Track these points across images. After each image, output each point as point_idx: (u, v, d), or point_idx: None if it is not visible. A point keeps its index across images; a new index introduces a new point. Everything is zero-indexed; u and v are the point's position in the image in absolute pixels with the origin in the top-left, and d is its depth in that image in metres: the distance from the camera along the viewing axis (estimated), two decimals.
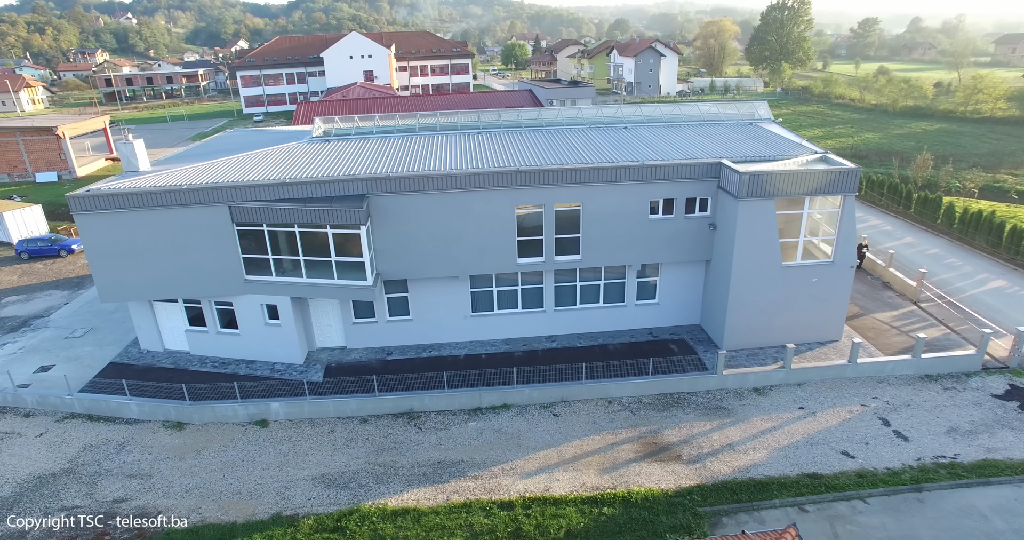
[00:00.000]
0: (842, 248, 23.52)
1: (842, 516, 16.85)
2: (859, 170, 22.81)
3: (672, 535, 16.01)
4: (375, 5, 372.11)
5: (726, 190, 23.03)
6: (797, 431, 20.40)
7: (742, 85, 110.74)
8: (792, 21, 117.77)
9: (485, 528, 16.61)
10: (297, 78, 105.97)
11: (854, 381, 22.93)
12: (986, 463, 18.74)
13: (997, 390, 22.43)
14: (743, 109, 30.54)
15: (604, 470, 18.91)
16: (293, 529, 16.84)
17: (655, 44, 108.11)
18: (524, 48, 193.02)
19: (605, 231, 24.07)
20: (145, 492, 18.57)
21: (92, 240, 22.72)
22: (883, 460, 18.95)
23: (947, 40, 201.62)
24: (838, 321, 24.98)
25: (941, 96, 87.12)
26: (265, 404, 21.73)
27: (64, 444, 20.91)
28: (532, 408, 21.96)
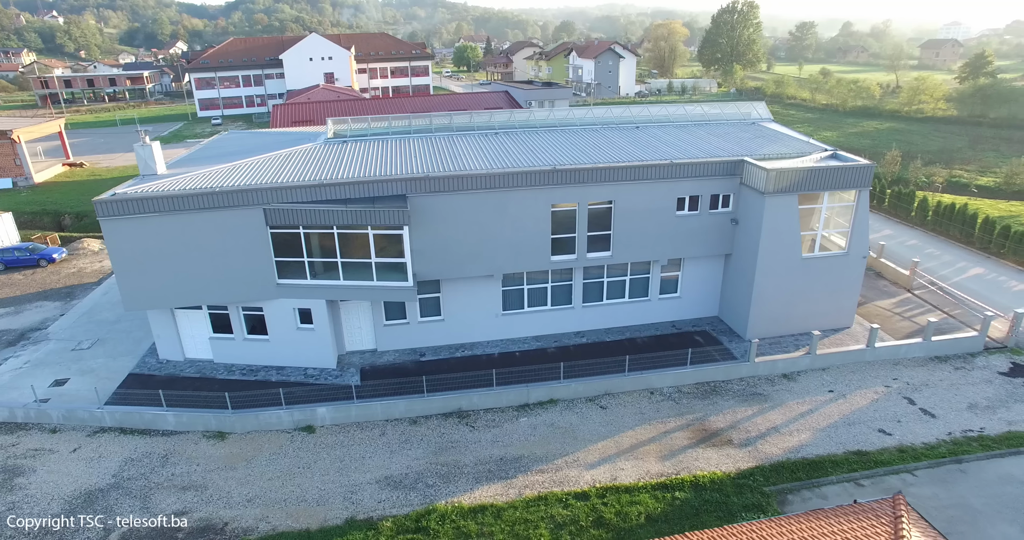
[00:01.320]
0: (856, 239, 25.01)
1: (895, 489, 17.99)
2: (873, 166, 24.35)
3: (747, 514, 16.77)
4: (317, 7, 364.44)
5: (751, 186, 24.11)
6: (832, 413, 21.61)
7: (698, 86, 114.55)
8: (742, 24, 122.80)
9: (567, 519, 16.95)
10: (254, 80, 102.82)
11: (872, 364, 24.41)
12: (1011, 435, 20.36)
13: (1002, 368, 24.32)
14: (743, 109, 31.89)
15: (663, 457, 19.55)
16: (373, 532, 16.71)
17: (614, 46, 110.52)
18: (476, 50, 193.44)
19: (635, 227, 24.76)
20: (204, 503, 18.00)
21: (118, 246, 21.78)
22: (918, 436, 20.32)
23: (877, 44, 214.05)
24: (850, 309, 26.50)
25: (887, 97, 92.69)
26: (311, 409, 21.35)
27: (102, 459, 19.97)
28: (578, 402, 22.41)
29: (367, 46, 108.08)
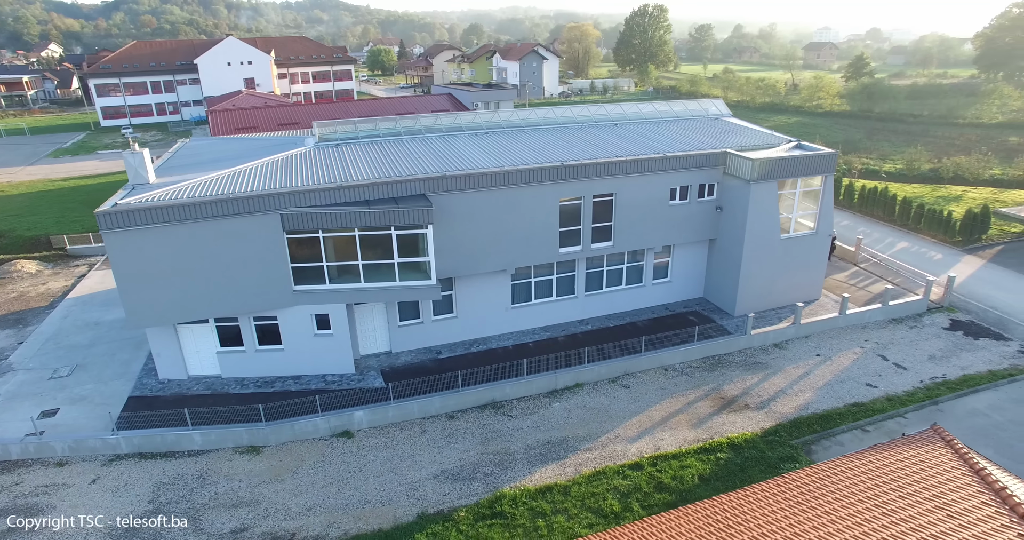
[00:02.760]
0: (823, 220, 27.95)
1: (893, 430, 20.66)
2: (836, 154, 27.34)
3: (785, 465, 18.73)
4: (211, 9, 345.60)
5: (735, 175, 26.40)
6: (825, 373, 24.21)
7: (618, 85, 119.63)
8: (653, 26, 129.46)
9: (629, 488, 18.19)
10: (165, 86, 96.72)
11: (845, 329, 27.43)
12: (967, 378, 23.74)
13: (944, 324, 28.06)
14: (703, 105, 34.50)
15: (694, 425, 21.24)
16: (452, 523, 17.16)
17: (537, 48, 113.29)
18: (390, 53, 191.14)
19: (634, 218, 26.41)
20: (262, 518, 17.69)
21: (122, 260, 20.70)
22: (898, 386, 23.25)
23: (766, 45, 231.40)
24: (819, 282, 29.53)
25: (790, 94, 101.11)
26: (348, 414, 21.31)
27: (129, 487, 18.99)
28: (602, 384, 23.72)
29: (286, 50, 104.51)
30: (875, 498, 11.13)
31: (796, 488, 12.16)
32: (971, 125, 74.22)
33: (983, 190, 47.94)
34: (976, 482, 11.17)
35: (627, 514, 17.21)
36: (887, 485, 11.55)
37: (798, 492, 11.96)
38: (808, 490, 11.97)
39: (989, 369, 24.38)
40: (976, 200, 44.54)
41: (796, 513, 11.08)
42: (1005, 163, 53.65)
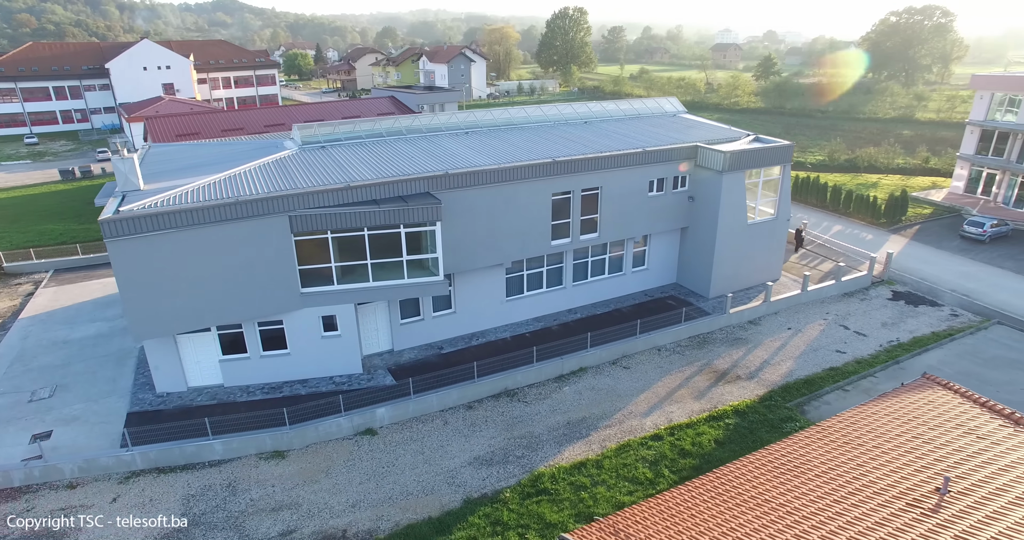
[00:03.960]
0: (782, 206, 30.66)
1: (868, 388, 23.26)
2: (793, 145, 30.09)
3: (787, 424, 20.76)
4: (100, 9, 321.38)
5: (707, 167, 28.52)
6: (799, 344, 26.71)
7: (545, 86, 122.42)
8: (574, 28, 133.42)
9: (656, 456, 19.57)
10: (70, 92, 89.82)
11: (807, 304, 30.24)
12: (916, 340, 26.94)
13: (888, 296, 31.51)
14: (660, 104, 36.72)
15: (697, 397, 22.98)
16: (500, 503, 17.87)
17: (465, 50, 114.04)
18: (307, 57, 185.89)
19: (617, 209, 27.97)
20: (308, 519, 17.68)
21: (127, 270, 19.93)
22: (862, 350, 26.06)
23: (675, 46, 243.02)
24: (779, 264, 32.31)
25: (709, 92, 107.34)
26: (370, 412, 21.48)
27: (156, 502, 18.38)
28: (604, 366, 25.07)
29: (205, 54, 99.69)
30: (909, 432, 12.98)
31: (835, 433, 13.86)
32: (870, 120, 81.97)
33: (893, 177, 53.47)
34: (986, 411, 13.26)
35: (660, 480, 18.58)
36: (913, 421, 13.45)
37: (838, 436, 13.66)
38: (846, 434, 13.70)
39: (932, 331, 27.75)
40: (890, 186, 49.70)
41: (846, 451, 12.73)
42: (907, 153, 59.88)
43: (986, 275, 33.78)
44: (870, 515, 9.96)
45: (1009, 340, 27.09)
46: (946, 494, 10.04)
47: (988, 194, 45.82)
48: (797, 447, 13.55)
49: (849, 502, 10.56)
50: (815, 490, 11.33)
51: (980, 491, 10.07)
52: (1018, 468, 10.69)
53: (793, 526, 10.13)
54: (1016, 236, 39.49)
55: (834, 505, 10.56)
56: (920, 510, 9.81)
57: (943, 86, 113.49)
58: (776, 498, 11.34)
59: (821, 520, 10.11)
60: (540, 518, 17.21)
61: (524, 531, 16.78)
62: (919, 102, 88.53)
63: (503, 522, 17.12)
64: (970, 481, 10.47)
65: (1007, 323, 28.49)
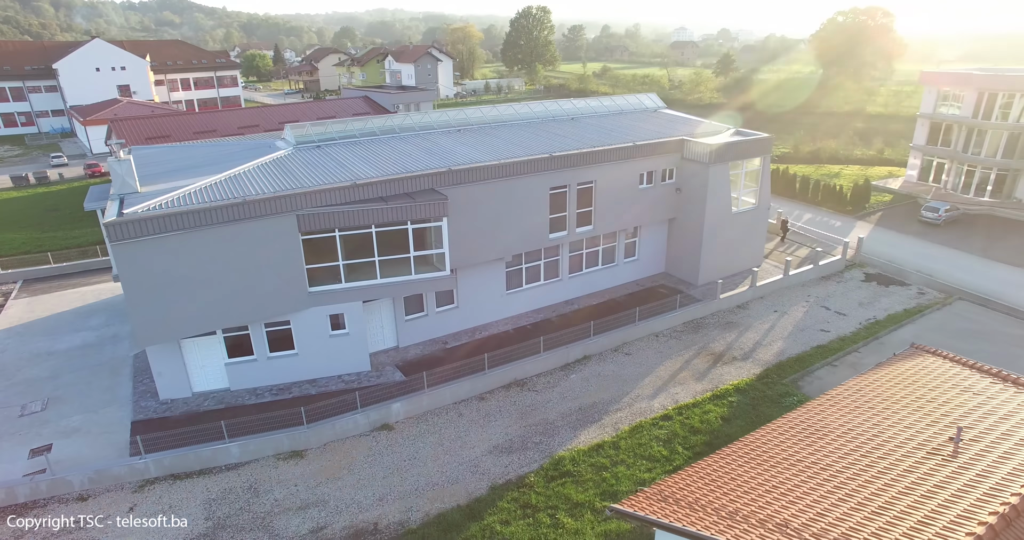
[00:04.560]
0: (763, 196, 32.10)
1: (854, 363, 24.74)
2: (772, 137, 31.51)
3: (786, 399, 21.97)
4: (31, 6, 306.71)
5: (693, 160, 29.66)
6: (786, 325, 28.11)
7: (511, 85, 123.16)
8: (537, 27, 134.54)
9: (668, 434, 20.49)
10: (12, 94, 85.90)
11: (789, 288, 31.76)
12: (890, 317, 28.67)
13: (861, 278, 33.33)
14: (640, 100, 37.82)
15: (698, 379, 24.04)
16: (526, 488, 18.45)
17: (431, 50, 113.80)
18: (266, 59, 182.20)
19: (610, 202, 28.86)
20: (337, 514, 17.90)
21: (133, 273, 19.75)
22: (844, 329, 27.61)
23: (633, 44, 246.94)
24: (760, 251, 33.78)
25: (673, 89, 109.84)
26: (386, 407, 21.76)
27: (177, 508, 18.26)
28: (606, 353, 25.92)
29: (161, 55, 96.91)
30: (913, 394, 14.13)
31: (844, 401, 14.95)
32: (825, 114, 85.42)
33: (853, 167, 56.07)
34: (975, 372, 14.54)
35: (675, 456, 19.49)
36: (915, 384, 14.64)
37: (848, 402, 14.74)
38: (855, 400, 14.78)
39: (904, 308, 29.56)
40: (851, 176, 52.14)
41: (859, 414, 13.79)
42: (864, 145, 62.80)
43: (944, 256, 36.01)
44: (896, 465, 10.96)
45: (971, 314, 29.07)
46: (959, 442, 11.12)
47: (939, 181, 48.61)
48: (813, 414, 14.58)
49: (873, 457, 11.57)
50: (839, 449, 12.32)
51: (988, 437, 11.21)
52: (1017, 415, 11.89)
53: (828, 480, 11.06)
54: (966, 219, 42.12)
55: (861, 460, 11.55)
56: (940, 458, 10.86)
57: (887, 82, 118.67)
58: (805, 458, 12.29)
59: (853, 473, 11.07)
60: (567, 498, 17.88)
61: (553, 511, 17.43)
62: (869, 97, 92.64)
63: (532, 505, 17.73)
64: (977, 430, 11.61)
65: (968, 299, 30.54)
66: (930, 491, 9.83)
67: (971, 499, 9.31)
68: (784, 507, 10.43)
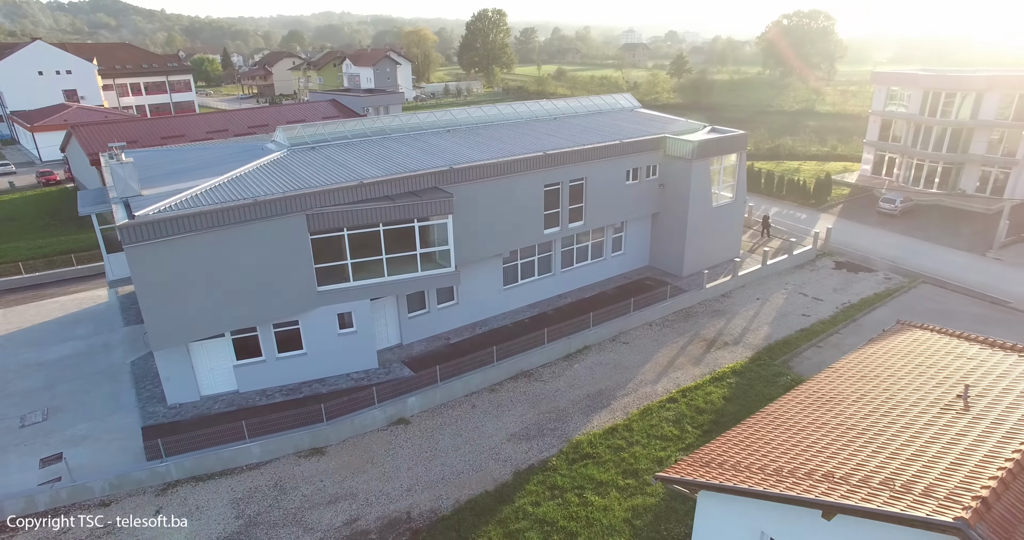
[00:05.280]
0: (740, 190, 33.78)
1: (837, 343, 26.45)
2: (747, 134, 33.19)
3: (780, 378, 23.40)
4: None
5: (676, 156, 31.01)
6: (770, 311, 29.73)
7: (471, 88, 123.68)
8: (494, 30, 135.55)
9: (676, 415, 21.57)
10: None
11: (768, 277, 33.51)
12: (863, 301, 30.69)
13: (831, 266, 35.44)
14: (616, 100, 39.13)
15: (696, 363, 25.26)
16: (550, 471, 19.16)
17: (390, 53, 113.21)
18: (214, 63, 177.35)
19: (600, 198, 29.90)
20: (368, 506, 18.20)
21: (147, 276, 19.57)
22: (823, 313, 29.41)
23: (584, 46, 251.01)
24: (738, 242, 35.47)
25: (631, 90, 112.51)
26: (402, 402, 22.11)
27: (204, 509, 18.20)
28: (605, 343, 26.90)
29: (109, 58, 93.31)
30: (912, 362, 15.49)
31: (848, 372, 16.21)
32: (777, 113, 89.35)
33: (811, 163, 59.09)
34: (964, 340, 16.05)
35: (686, 435, 20.57)
36: (912, 353, 16.03)
37: (854, 373, 16.02)
38: (859, 371, 16.07)
39: (874, 292, 31.66)
40: (810, 171, 54.98)
41: (867, 382, 15.05)
42: (819, 142, 66.15)
43: (903, 243, 38.60)
44: (915, 421, 12.17)
45: (935, 296, 31.39)
46: (968, 398, 12.44)
47: (891, 175, 51.82)
48: (823, 386, 15.80)
49: (892, 416, 12.77)
50: (858, 412, 13.50)
51: (992, 393, 12.56)
52: (1013, 373, 13.34)
53: (856, 438, 12.18)
54: (918, 209, 45.14)
55: (881, 419, 12.73)
56: (953, 412, 12.13)
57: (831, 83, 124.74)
58: (829, 422, 13.42)
59: (877, 431, 12.22)
60: (591, 479, 18.69)
61: (580, 491, 18.20)
62: (818, 96, 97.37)
63: (558, 486, 18.45)
64: (981, 388, 12.97)
65: (930, 282, 32.92)
66: (952, 439, 11.04)
67: (990, 444, 10.54)
68: (823, 462, 11.48)
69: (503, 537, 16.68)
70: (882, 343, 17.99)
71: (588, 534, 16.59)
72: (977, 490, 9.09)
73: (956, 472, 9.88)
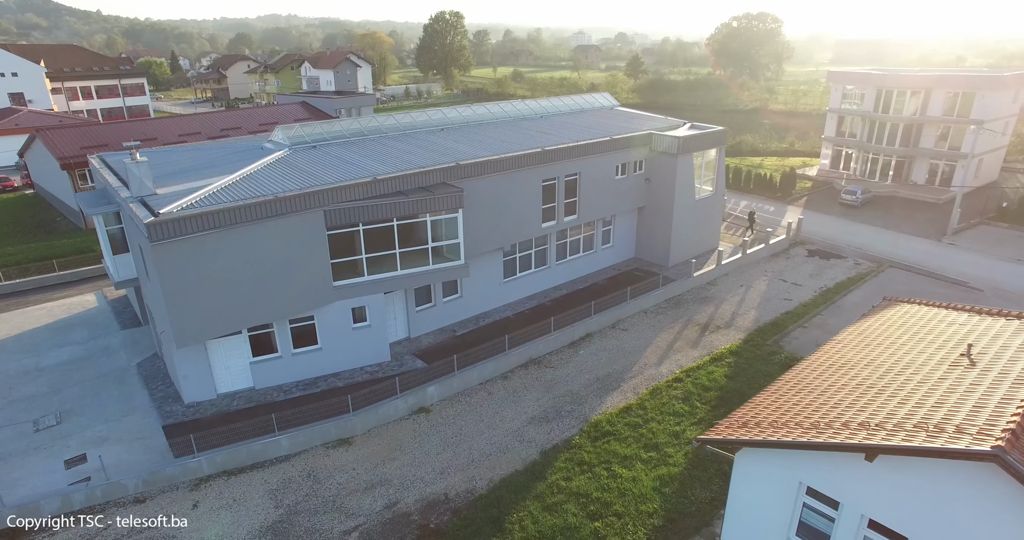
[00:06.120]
0: (719, 183, 35.58)
1: (821, 323, 28.36)
2: (726, 130, 35.03)
3: (774, 356, 25.04)
4: None
5: (662, 151, 32.52)
6: (755, 297, 31.52)
7: (431, 90, 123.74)
8: (451, 32, 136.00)
9: (684, 393, 22.86)
10: None
11: (748, 265, 35.41)
12: (838, 285, 32.85)
13: (804, 254, 37.65)
14: (597, 99, 40.53)
15: (693, 346, 26.70)
16: (575, 449, 20.12)
17: (350, 55, 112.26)
18: (163, 66, 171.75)
19: (592, 193, 31.10)
20: (405, 490, 18.75)
21: (173, 273, 19.60)
22: (803, 297, 31.37)
23: (537, 48, 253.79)
24: (717, 233, 37.30)
25: (591, 90, 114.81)
26: (422, 391, 22.70)
27: (242, 502, 18.40)
28: (605, 330, 28.07)
29: (56, 60, 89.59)
30: (910, 330, 17.12)
31: (851, 342, 17.76)
32: (733, 111, 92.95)
33: (772, 158, 62.03)
34: (952, 310, 17.81)
35: (696, 410, 21.89)
36: (907, 323, 17.70)
37: (857, 342, 17.55)
38: (861, 340, 17.62)
39: (847, 277, 33.91)
40: (772, 166, 57.75)
41: (873, 349, 16.59)
42: (778, 139, 69.44)
43: (867, 232, 41.27)
44: (929, 377, 13.65)
45: (902, 279, 33.83)
46: (972, 356, 14.02)
47: (849, 169, 55.04)
48: (832, 355, 17.27)
49: (906, 375, 14.23)
50: (872, 374, 14.94)
51: (992, 350, 14.18)
52: (1006, 333, 15.06)
53: (879, 394, 13.55)
54: (877, 200, 48.19)
55: (897, 378, 14.16)
56: (961, 368, 13.66)
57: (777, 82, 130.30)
58: (847, 384, 14.81)
59: (897, 387, 13.63)
60: (615, 453, 19.75)
61: (607, 465, 19.24)
62: (771, 95, 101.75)
63: (586, 462, 19.44)
64: (979, 347, 14.61)
65: (895, 267, 35.43)
66: (968, 389, 12.51)
67: (1003, 389, 12.04)
68: (856, 414, 12.79)
69: (542, 510, 17.55)
70: (875, 317, 19.63)
71: (622, 503, 17.63)
72: (1004, 425, 10.52)
73: (979, 414, 11.31)
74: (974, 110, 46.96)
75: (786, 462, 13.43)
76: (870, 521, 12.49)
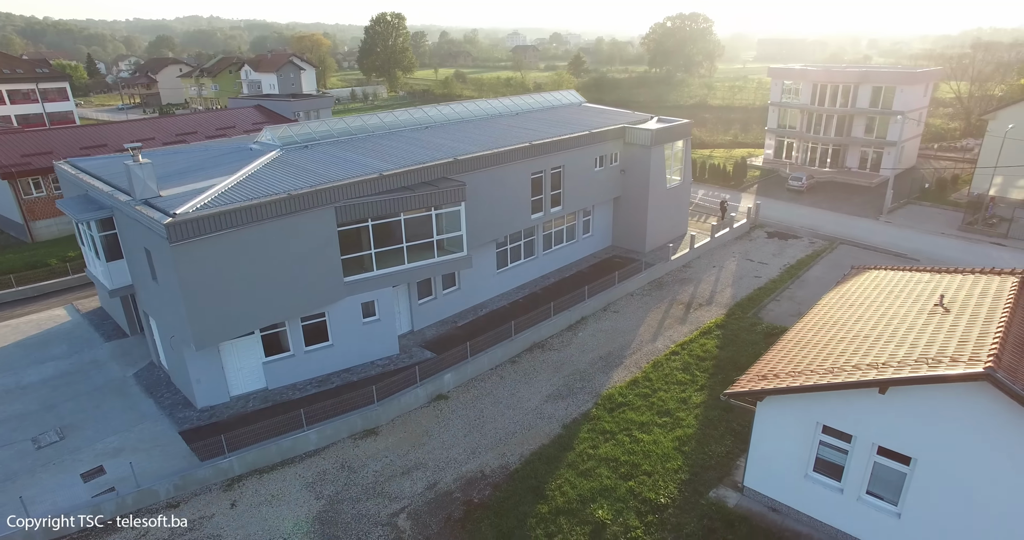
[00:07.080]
0: (686, 173, 37.89)
1: (791, 296, 30.94)
2: (692, 123, 37.30)
3: (756, 326, 27.29)
4: None
5: (636, 144, 34.41)
6: (728, 276, 33.92)
7: (377, 92, 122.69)
8: (393, 34, 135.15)
9: (683, 363, 24.68)
10: None
11: (716, 248, 37.90)
12: (800, 261, 35.75)
13: (764, 236, 40.56)
14: (565, 96, 42.17)
15: (681, 322, 28.66)
16: (594, 420, 21.51)
17: (293, 58, 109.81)
18: (79, 70, 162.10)
19: (575, 184, 32.63)
20: (441, 471, 19.55)
21: (192, 274, 19.65)
22: (771, 274, 34.00)
23: (474, 49, 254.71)
24: (686, 220, 39.66)
25: (537, 89, 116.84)
26: (439, 379, 23.52)
27: (279, 497, 18.73)
28: (598, 313, 29.66)
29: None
30: (884, 290, 19.39)
31: (834, 305, 19.92)
32: (675, 107, 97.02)
33: (720, 150, 65.63)
34: (916, 271, 20.29)
35: (697, 378, 23.72)
36: (880, 285, 20.02)
37: (840, 304, 19.71)
38: (843, 302, 19.78)
39: (805, 254, 36.90)
40: (721, 157, 61.17)
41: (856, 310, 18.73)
42: (723, 132, 73.35)
43: (814, 214, 44.75)
44: (915, 325, 15.80)
45: (853, 254, 37.08)
46: (945, 304, 16.32)
47: (791, 157, 59.06)
48: (820, 317, 19.35)
49: (893, 325, 16.33)
50: (863, 329, 16.99)
51: (959, 299, 16.54)
52: (965, 285, 17.49)
53: (876, 343, 15.55)
54: (818, 185, 52.13)
55: (887, 328, 16.24)
56: (939, 315, 15.91)
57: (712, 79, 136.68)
58: (844, 338, 16.81)
59: (889, 335, 15.69)
60: (632, 421, 21.27)
61: (628, 432, 20.72)
62: (709, 91, 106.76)
63: (607, 430, 20.87)
64: (949, 297, 16.96)
65: (846, 244, 38.76)
66: (949, 329, 14.68)
67: (979, 327, 14.26)
68: (863, 358, 14.72)
69: (577, 476, 18.84)
70: (849, 284, 22.00)
71: (649, 463, 19.15)
72: (987, 352, 12.63)
73: (966, 346, 13.44)
74: (895, 102, 51.58)
75: (804, 405, 15.29)
76: (879, 448, 14.53)
